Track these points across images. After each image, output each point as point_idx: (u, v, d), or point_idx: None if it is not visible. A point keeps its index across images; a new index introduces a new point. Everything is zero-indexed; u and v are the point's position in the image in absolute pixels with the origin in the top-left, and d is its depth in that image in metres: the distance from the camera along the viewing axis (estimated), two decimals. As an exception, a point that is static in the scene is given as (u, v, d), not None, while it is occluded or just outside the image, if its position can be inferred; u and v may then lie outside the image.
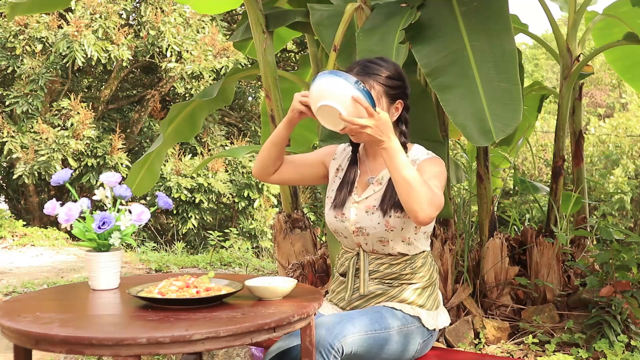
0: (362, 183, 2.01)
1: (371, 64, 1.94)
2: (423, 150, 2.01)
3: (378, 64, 1.94)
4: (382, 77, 1.91)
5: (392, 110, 1.94)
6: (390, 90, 1.92)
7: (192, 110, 4.02)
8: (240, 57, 9.27)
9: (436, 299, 2.03)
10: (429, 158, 1.96)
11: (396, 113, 1.95)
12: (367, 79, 1.90)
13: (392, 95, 1.93)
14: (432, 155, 1.98)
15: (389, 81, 1.92)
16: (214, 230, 7.17)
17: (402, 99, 1.96)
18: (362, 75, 1.90)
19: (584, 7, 3.57)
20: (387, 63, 1.96)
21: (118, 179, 1.87)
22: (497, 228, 3.28)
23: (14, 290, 4.57)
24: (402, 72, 1.98)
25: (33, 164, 8.54)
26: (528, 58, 18.37)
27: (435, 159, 1.96)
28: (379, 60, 1.96)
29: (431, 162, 1.94)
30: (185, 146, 10.00)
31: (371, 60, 1.96)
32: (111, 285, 1.83)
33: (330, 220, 2.02)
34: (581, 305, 3.09)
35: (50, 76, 8.75)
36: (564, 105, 3.46)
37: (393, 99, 1.93)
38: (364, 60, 1.98)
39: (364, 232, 1.94)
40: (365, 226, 1.93)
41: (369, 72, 1.91)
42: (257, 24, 3.42)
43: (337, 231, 2.02)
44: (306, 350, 1.63)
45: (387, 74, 1.92)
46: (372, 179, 1.99)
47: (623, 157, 9.84)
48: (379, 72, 1.91)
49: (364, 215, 1.94)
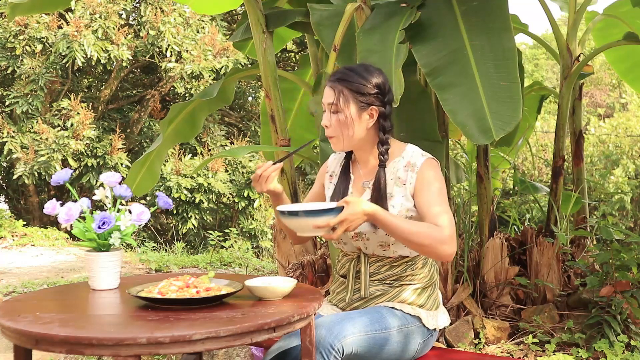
0: (357, 188, 2.01)
1: (348, 70, 1.94)
2: (417, 150, 1.99)
3: (354, 70, 1.94)
4: (353, 83, 1.90)
5: (364, 116, 1.92)
6: (361, 96, 1.90)
7: (192, 110, 4.02)
8: (240, 57, 9.26)
9: (436, 299, 2.03)
10: (427, 162, 1.94)
11: (370, 119, 1.93)
12: (337, 84, 1.91)
13: (364, 101, 1.91)
14: (428, 156, 1.97)
15: (360, 87, 1.90)
16: (214, 230, 7.17)
17: (377, 106, 1.93)
18: (334, 82, 1.92)
19: (584, 7, 3.57)
20: (366, 70, 1.94)
21: (118, 179, 1.87)
22: (497, 228, 3.28)
23: (14, 290, 4.57)
24: (381, 80, 1.95)
25: (33, 164, 8.54)
26: (528, 58, 18.37)
27: (432, 165, 1.95)
28: (358, 68, 1.96)
29: (430, 173, 1.92)
30: (185, 146, 10.00)
31: (350, 68, 1.96)
32: (111, 285, 1.83)
33: None
34: (581, 305, 3.09)
35: (50, 76, 8.75)
36: (564, 105, 3.46)
37: (365, 104, 1.91)
38: (343, 67, 1.99)
39: (364, 237, 1.94)
40: (364, 231, 1.93)
41: (341, 78, 1.92)
42: (257, 24, 3.42)
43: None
44: (306, 350, 1.63)
45: (359, 80, 1.91)
46: (367, 183, 1.99)
47: (623, 157, 9.84)
48: (351, 78, 1.91)
49: None
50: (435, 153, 2.72)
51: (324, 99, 1.95)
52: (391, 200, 1.92)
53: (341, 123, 1.90)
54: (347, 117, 1.90)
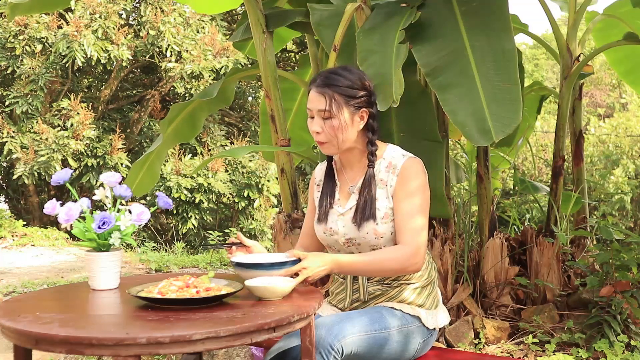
0: (344, 193, 2.01)
1: (333, 74, 1.93)
2: (398, 150, 1.98)
3: (340, 74, 1.93)
4: (342, 88, 1.90)
5: (356, 118, 1.92)
6: (352, 100, 1.91)
7: (192, 110, 4.02)
8: (240, 57, 9.26)
9: (435, 298, 2.03)
10: (408, 165, 1.92)
11: (361, 121, 1.94)
12: (327, 90, 1.89)
13: (355, 104, 1.91)
14: (408, 155, 1.96)
15: (350, 91, 1.90)
16: (214, 230, 7.17)
17: (367, 107, 1.94)
18: (322, 87, 1.90)
19: (584, 7, 3.57)
20: (350, 73, 1.94)
21: (118, 179, 1.87)
22: (497, 228, 3.28)
23: (14, 290, 4.57)
24: (366, 81, 1.96)
25: (33, 164, 8.54)
26: (528, 58, 18.37)
27: (414, 165, 1.93)
28: (342, 71, 1.95)
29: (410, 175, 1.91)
30: (185, 146, 10.00)
31: (334, 71, 1.95)
32: (111, 285, 1.82)
33: (321, 237, 2.03)
34: (581, 305, 3.09)
35: (50, 76, 8.75)
36: (564, 105, 3.46)
37: (356, 107, 1.92)
38: (326, 71, 1.98)
39: (355, 243, 1.95)
40: (354, 237, 1.94)
41: (329, 83, 1.91)
42: (257, 24, 3.42)
43: (330, 245, 2.02)
44: (306, 350, 1.63)
45: (348, 83, 1.91)
46: (353, 188, 1.99)
47: (623, 157, 9.84)
48: (339, 82, 1.91)
49: (352, 227, 1.94)
50: (435, 153, 2.72)
51: (312, 105, 1.93)
52: (376, 203, 1.92)
53: (335, 128, 1.90)
54: (341, 122, 1.89)
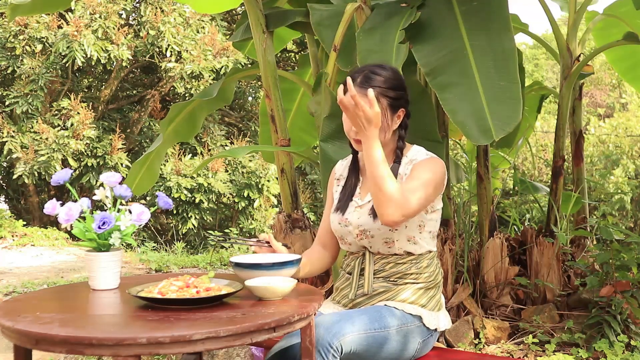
0: (365, 187, 2.03)
1: (373, 74, 1.92)
2: (422, 150, 2.01)
3: (380, 74, 1.92)
4: (385, 89, 1.90)
5: (395, 119, 1.94)
6: (394, 102, 1.92)
7: (192, 110, 4.02)
8: (240, 57, 9.26)
9: (438, 302, 2.03)
10: (426, 159, 1.95)
11: (398, 120, 1.96)
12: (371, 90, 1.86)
13: (396, 105, 1.93)
14: (431, 155, 1.98)
15: (392, 92, 1.91)
16: (214, 230, 7.17)
17: (405, 107, 1.96)
18: (364, 87, 1.88)
19: (584, 7, 3.57)
20: (387, 71, 1.94)
21: (118, 179, 1.87)
22: (497, 228, 3.28)
23: (14, 290, 4.57)
24: (402, 78, 1.97)
25: (33, 164, 8.54)
26: (528, 58, 18.36)
27: (433, 161, 1.95)
28: (380, 70, 1.93)
29: (426, 165, 1.93)
30: (185, 146, 10.00)
31: (373, 70, 1.93)
32: (111, 285, 1.82)
33: (335, 227, 2.04)
34: (581, 305, 3.09)
35: (50, 76, 8.75)
36: (564, 105, 3.46)
37: (396, 108, 1.94)
38: (366, 69, 1.95)
39: (368, 235, 1.95)
40: (369, 228, 1.94)
41: (375, 85, 1.89)
42: (257, 24, 3.42)
43: (343, 237, 2.03)
44: (306, 350, 1.63)
45: (390, 84, 1.91)
46: None
47: (623, 157, 9.83)
48: (382, 84, 1.90)
49: (367, 218, 1.95)
50: (435, 153, 2.71)
51: None
52: None
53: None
54: (383, 124, 1.90)
